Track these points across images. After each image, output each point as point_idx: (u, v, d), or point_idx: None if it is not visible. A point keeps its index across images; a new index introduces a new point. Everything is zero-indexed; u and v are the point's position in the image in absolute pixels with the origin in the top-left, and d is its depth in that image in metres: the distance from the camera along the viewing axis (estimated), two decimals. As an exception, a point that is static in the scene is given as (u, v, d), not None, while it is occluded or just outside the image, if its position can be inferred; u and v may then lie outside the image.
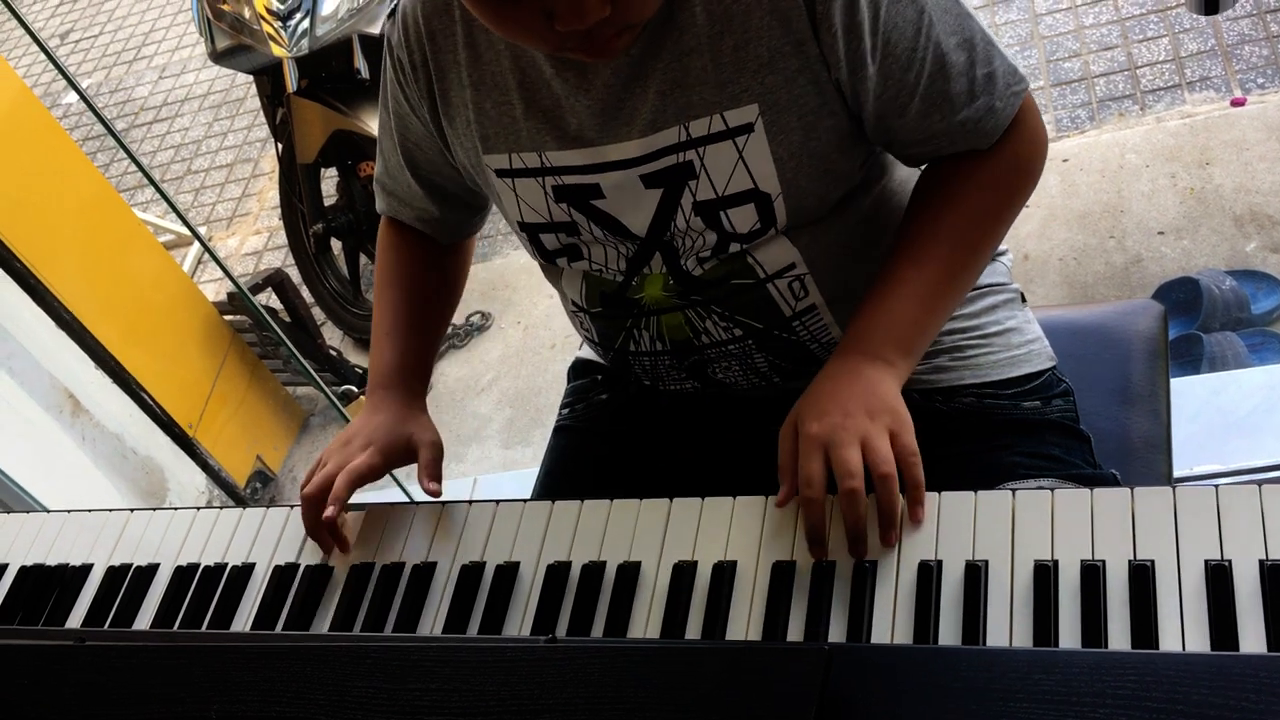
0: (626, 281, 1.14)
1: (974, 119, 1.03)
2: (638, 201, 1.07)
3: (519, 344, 3.16)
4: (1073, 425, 1.17)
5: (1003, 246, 1.26)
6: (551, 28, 0.89)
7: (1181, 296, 2.41)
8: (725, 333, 1.14)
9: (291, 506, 1.17)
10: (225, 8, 2.84)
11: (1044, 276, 2.66)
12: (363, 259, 3.25)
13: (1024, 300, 1.25)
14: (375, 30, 2.90)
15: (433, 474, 1.14)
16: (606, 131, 1.04)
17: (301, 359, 2.20)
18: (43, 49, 1.38)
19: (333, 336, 3.32)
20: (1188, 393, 1.93)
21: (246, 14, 2.82)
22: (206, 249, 1.65)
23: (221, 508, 1.21)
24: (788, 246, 1.08)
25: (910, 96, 1.01)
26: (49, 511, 1.55)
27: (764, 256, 1.09)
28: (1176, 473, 1.75)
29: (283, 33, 2.79)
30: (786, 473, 0.98)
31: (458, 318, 3.28)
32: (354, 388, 3.08)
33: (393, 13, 1.13)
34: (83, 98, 1.45)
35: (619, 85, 1.01)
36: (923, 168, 1.12)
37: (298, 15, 2.78)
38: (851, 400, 0.97)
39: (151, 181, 1.55)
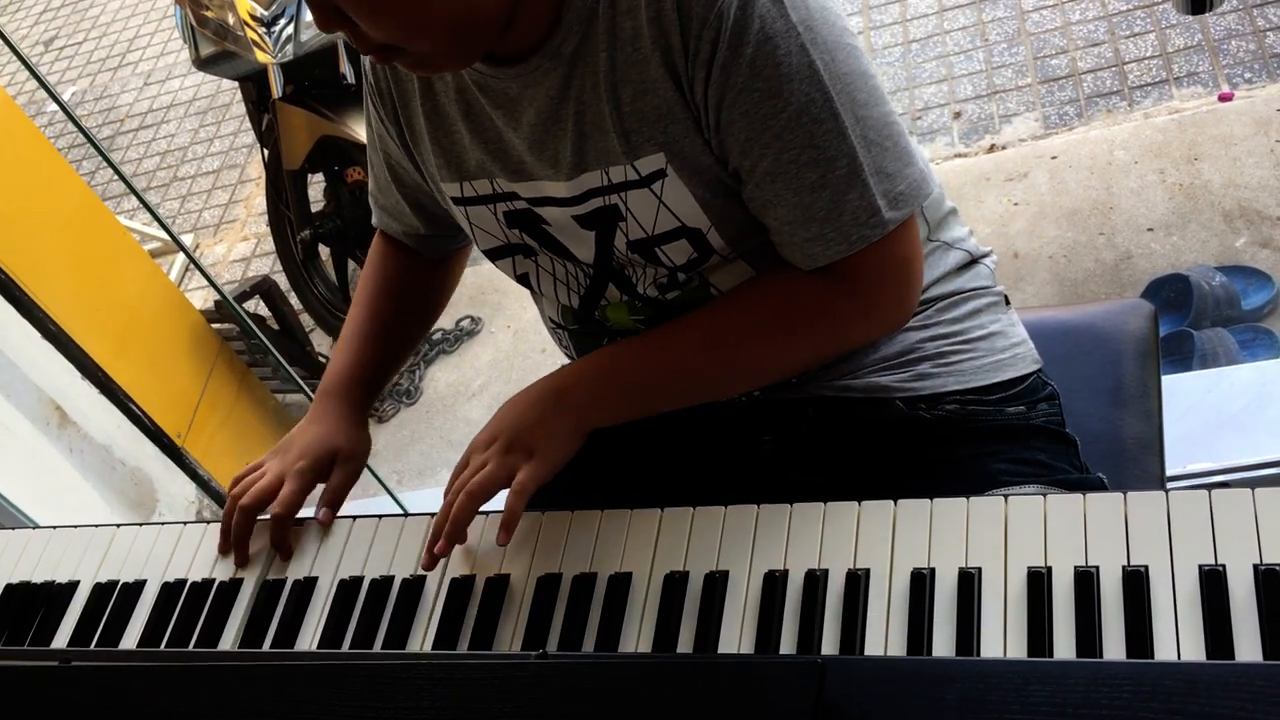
0: (587, 311, 1.16)
1: (803, 238, 0.98)
2: (578, 238, 1.08)
3: (509, 348, 3.15)
4: (1058, 429, 1.16)
5: (986, 247, 1.25)
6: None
7: (1172, 293, 2.41)
8: None
9: (279, 520, 1.16)
10: (209, 14, 2.82)
11: (1034, 274, 2.66)
12: (350, 265, 3.24)
13: (1008, 303, 1.25)
14: (360, 35, 2.89)
15: (332, 500, 1.16)
16: (540, 169, 1.04)
17: (289, 367, 2.19)
18: (20, 58, 1.36)
19: (321, 343, 3.31)
20: (1179, 390, 1.92)
21: (230, 20, 2.80)
22: (192, 260, 1.64)
23: (209, 522, 1.20)
24: (744, 268, 1.08)
25: (746, 182, 0.98)
26: (37, 526, 1.54)
27: (723, 281, 1.08)
28: (1169, 471, 1.75)
29: (267, 39, 2.77)
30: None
31: (447, 323, 3.28)
32: (344, 394, 3.07)
33: None
34: (62, 108, 1.43)
35: (541, 125, 1.01)
36: None
37: (282, 21, 2.77)
38: (506, 429, 1.05)
39: (134, 191, 1.54)
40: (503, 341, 3.18)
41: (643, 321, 1.14)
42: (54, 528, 1.26)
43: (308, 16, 2.81)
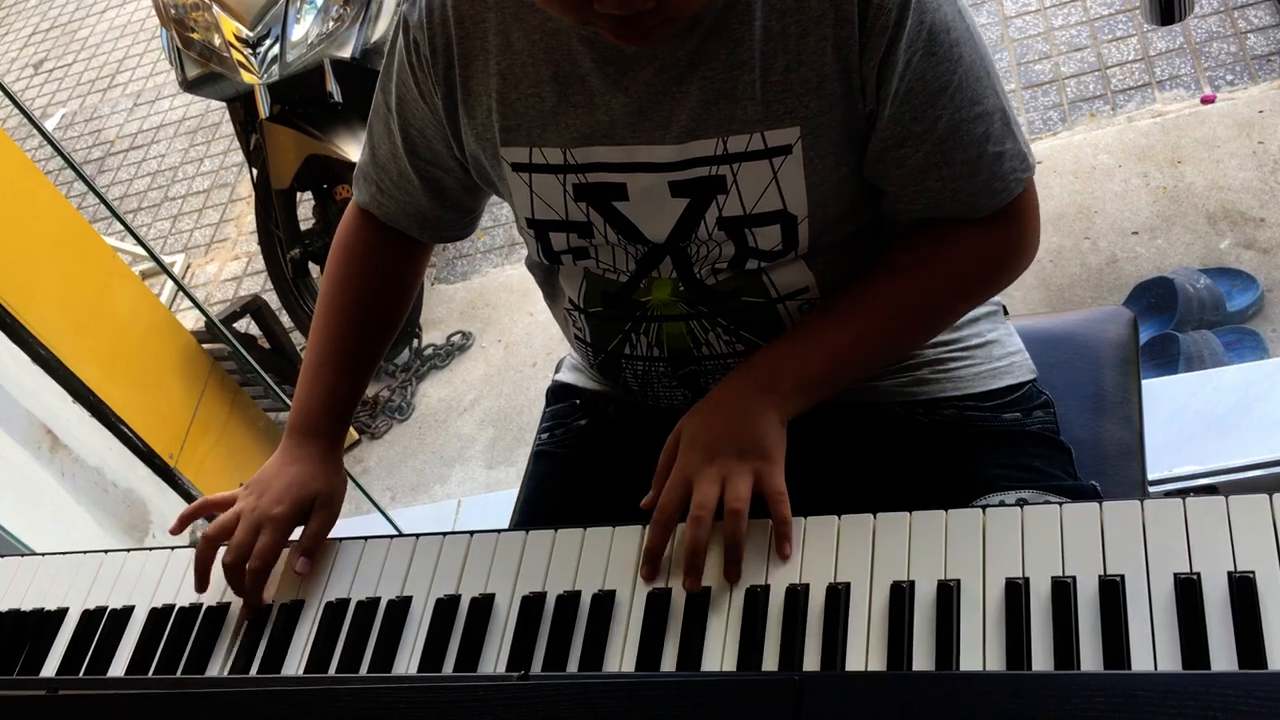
0: (634, 283, 1.13)
1: (969, 191, 1.02)
2: (661, 207, 1.05)
3: (500, 363, 3.15)
4: (1053, 437, 1.17)
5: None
6: (589, 4, 0.87)
7: (1157, 296, 2.42)
8: (727, 346, 1.14)
9: (266, 544, 1.16)
10: (194, 36, 2.83)
11: (1020, 280, 2.66)
12: (341, 282, 3.24)
13: (1006, 313, 1.26)
14: (346, 54, 2.90)
15: (310, 547, 1.13)
16: (640, 131, 1.02)
17: (278, 389, 2.19)
18: (3, 90, 1.37)
19: (314, 361, 3.31)
20: (1164, 394, 1.93)
21: (216, 41, 2.81)
22: (177, 284, 1.65)
23: (195, 546, 1.20)
24: (804, 270, 1.08)
25: (914, 149, 1.00)
26: (31, 552, 1.54)
27: (779, 278, 1.08)
28: (1154, 475, 1.75)
29: (253, 60, 2.78)
30: (659, 480, 1.04)
31: (439, 338, 3.28)
32: (336, 412, 3.06)
33: None
34: (45, 136, 1.44)
35: (660, 86, 1.00)
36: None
37: (267, 42, 2.78)
38: (726, 436, 1.00)
39: (117, 217, 1.54)
40: (494, 356, 3.19)
41: (683, 300, 1.12)
42: (43, 554, 1.27)
43: (293, 37, 2.82)
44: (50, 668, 1.13)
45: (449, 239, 1.29)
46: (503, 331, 3.25)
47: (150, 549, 1.22)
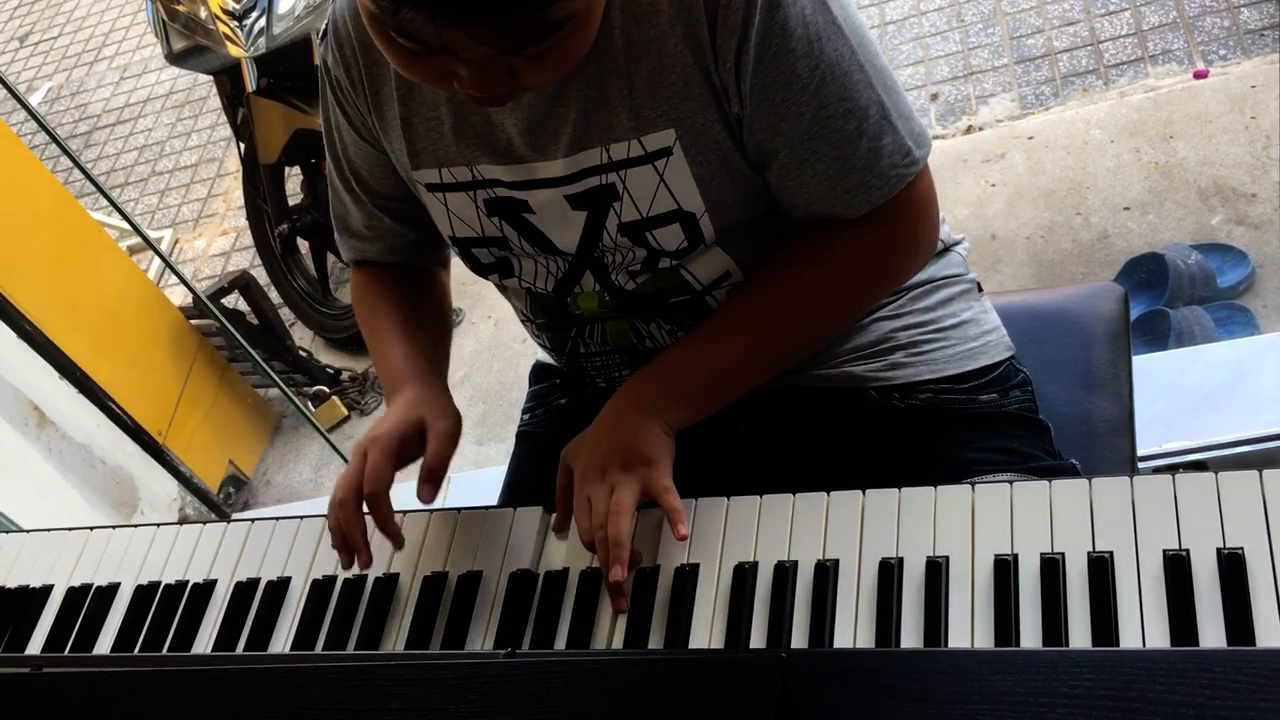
0: (561, 300, 1.15)
1: (843, 189, 1.00)
2: (565, 220, 1.07)
3: (490, 339, 3.14)
4: (1031, 416, 1.17)
5: (959, 234, 1.25)
6: (451, 84, 0.90)
7: (1148, 272, 2.41)
8: (670, 337, 1.14)
9: (252, 520, 1.16)
10: (180, 8, 2.80)
11: (1011, 255, 2.66)
12: (330, 258, 3.23)
13: (980, 290, 1.25)
14: (334, 27, 2.87)
15: (431, 471, 1.05)
16: (533, 148, 1.03)
17: (265, 364, 2.18)
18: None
19: (302, 337, 3.30)
20: (1154, 370, 1.93)
21: (202, 14, 2.78)
22: (166, 263, 1.63)
23: (182, 523, 1.20)
24: (721, 256, 1.08)
25: (782, 144, 0.99)
26: (18, 528, 1.53)
27: (698, 269, 1.09)
28: (1144, 451, 1.75)
29: (239, 32, 2.75)
30: (561, 500, 1.04)
31: (428, 314, 3.26)
32: (325, 388, 3.06)
33: (324, 34, 1.10)
34: (29, 111, 1.42)
35: (542, 105, 1.01)
36: None
37: (254, 14, 2.75)
38: (611, 453, 1.01)
39: (103, 193, 1.53)
40: (484, 332, 3.18)
41: (611, 309, 1.13)
42: (27, 532, 1.26)
43: (280, 9, 2.79)
44: (35, 645, 1.13)
45: (438, 261, 1.28)
46: (492, 307, 3.23)
47: (136, 526, 1.21)
